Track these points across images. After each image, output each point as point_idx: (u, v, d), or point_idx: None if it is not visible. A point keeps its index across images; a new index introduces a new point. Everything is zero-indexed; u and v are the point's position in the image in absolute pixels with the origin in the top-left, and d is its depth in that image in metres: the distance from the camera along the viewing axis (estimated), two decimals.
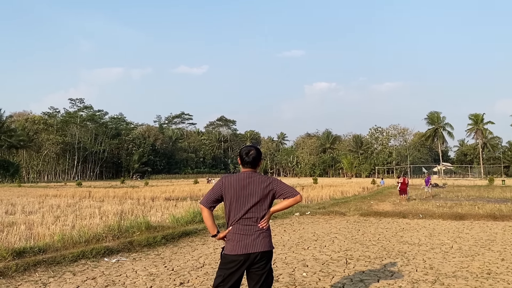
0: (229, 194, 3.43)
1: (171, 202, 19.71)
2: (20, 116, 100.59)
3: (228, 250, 3.39)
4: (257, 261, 3.36)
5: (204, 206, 3.49)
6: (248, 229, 3.38)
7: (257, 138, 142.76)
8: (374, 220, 13.40)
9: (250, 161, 3.54)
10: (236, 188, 3.43)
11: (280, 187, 3.50)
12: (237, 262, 3.33)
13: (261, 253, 3.36)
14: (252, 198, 3.41)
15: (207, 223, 3.51)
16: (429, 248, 8.44)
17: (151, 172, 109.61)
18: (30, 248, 7.32)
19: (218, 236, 3.49)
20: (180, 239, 9.65)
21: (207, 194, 3.53)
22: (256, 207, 3.42)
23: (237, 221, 3.40)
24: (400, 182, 22.82)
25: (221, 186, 3.48)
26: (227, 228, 3.49)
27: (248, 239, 3.35)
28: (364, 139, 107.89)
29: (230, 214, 3.44)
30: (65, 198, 24.28)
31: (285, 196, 3.49)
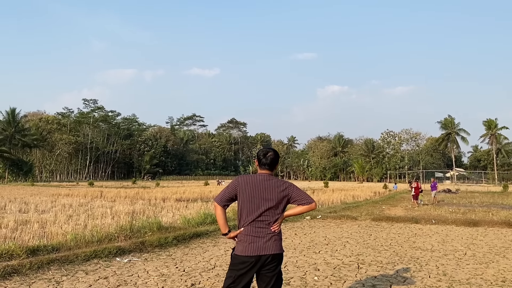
0: (243, 194, 3.41)
1: (182, 203, 19.79)
2: (34, 116, 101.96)
3: (239, 251, 3.38)
4: (268, 263, 3.35)
5: (218, 204, 3.47)
6: (260, 231, 3.37)
7: (267, 141, 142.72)
8: (386, 225, 13.29)
9: (268, 163, 3.52)
10: (251, 189, 3.40)
11: (296, 193, 3.48)
12: (248, 264, 3.32)
13: (272, 255, 3.36)
14: (267, 202, 3.39)
15: (220, 221, 3.49)
16: (442, 254, 8.34)
17: (162, 173, 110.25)
18: (44, 247, 7.41)
19: (229, 235, 3.47)
20: (191, 240, 9.68)
21: (222, 192, 3.51)
22: (270, 211, 3.40)
23: (249, 223, 3.39)
24: (414, 187, 22.21)
25: (236, 185, 3.45)
26: (238, 228, 3.48)
27: (260, 242, 3.34)
28: (376, 143, 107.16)
29: (243, 214, 3.42)
30: (77, 197, 24.52)
31: (300, 203, 3.48)
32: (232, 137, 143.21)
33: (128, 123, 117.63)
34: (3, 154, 68.50)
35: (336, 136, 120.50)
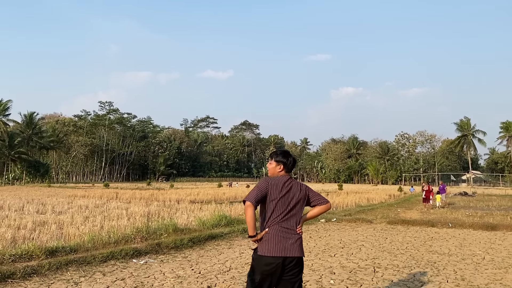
0: (273, 195, 3.44)
1: (196, 205, 19.89)
2: (51, 118, 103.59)
3: (264, 251, 3.33)
4: (291, 268, 3.33)
5: (251, 203, 3.40)
6: (286, 232, 3.39)
7: (280, 143, 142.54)
8: (401, 228, 13.16)
9: (291, 166, 3.66)
10: (279, 190, 3.45)
11: (312, 193, 3.62)
12: (273, 265, 3.28)
13: (296, 258, 3.35)
14: (292, 202, 3.46)
15: (250, 222, 3.42)
16: (460, 259, 8.22)
17: (176, 174, 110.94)
18: (62, 248, 7.52)
19: (256, 237, 3.43)
20: (206, 242, 9.73)
21: (253, 192, 3.47)
22: (294, 211, 3.47)
23: (276, 223, 3.40)
24: (425, 189, 22.28)
25: (267, 185, 3.47)
26: (261, 229, 3.47)
27: (287, 242, 3.34)
28: (391, 145, 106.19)
29: (271, 215, 3.42)
30: (93, 199, 24.81)
31: (317, 203, 3.59)
32: (245, 139, 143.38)
33: (143, 125, 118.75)
34: (21, 155, 69.69)
35: (350, 138, 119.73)
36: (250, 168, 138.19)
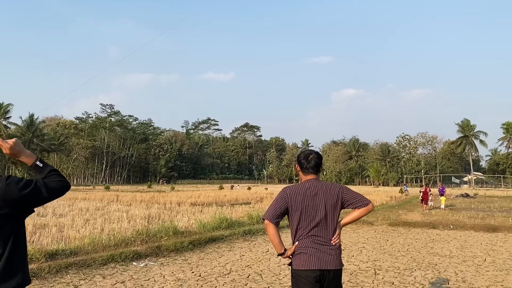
0: (295, 206, 3.10)
1: (197, 208, 19.86)
2: (52, 121, 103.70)
3: (299, 265, 3.06)
4: (331, 280, 3.05)
5: (270, 221, 3.11)
6: (320, 243, 3.07)
7: (282, 145, 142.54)
8: (403, 230, 13.12)
9: (311, 166, 3.22)
10: (303, 199, 3.10)
11: (350, 195, 3.19)
12: (311, 278, 3.01)
13: (334, 271, 3.06)
14: (322, 209, 3.10)
15: (274, 240, 3.13)
16: (461, 261, 8.20)
17: (177, 177, 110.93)
18: (62, 251, 7.51)
19: (286, 254, 3.15)
20: (206, 245, 9.71)
21: (271, 207, 3.16)
22: (326, 219, 3.11)
23: (306, 235, 3.10)
24: (422, 191, 22.75)
25: (286, 197, 3.13)
26: (293, 242, 3.18)
27: (322, 254, 3.04)
28: (392, 147, 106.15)
29: (298, 227, 3.12)
30: (93, 201, 24.81)
31: (356, 206, 3.17)
32: (247, 141, 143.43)
33: (143, 127, 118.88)
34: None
35: (351, 140, 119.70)
36: (252, 170, 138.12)
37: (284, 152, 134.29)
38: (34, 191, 2.25)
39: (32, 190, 2.24)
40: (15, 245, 2.23)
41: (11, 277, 2.19)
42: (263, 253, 8.89)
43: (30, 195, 2.23)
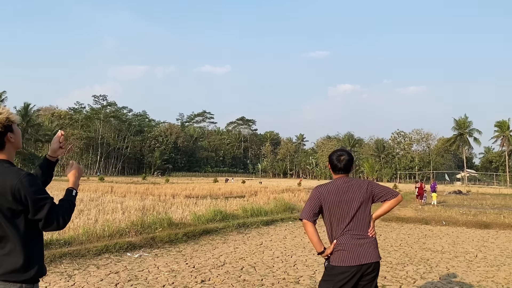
0: (329, 204, 3.19)
1: (192, 200, 19.86)
2: (47, 111, 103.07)
3: (337, 261, 3.11)
4: (368, 273, 3.10)
5: (308, 220, 3.18)
6: (357, 238, 3.15)
7: (276, 139, 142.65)
8: (395, 226, 13.23)
9: (342, 167, 3.30)
10: (335, 196, 3.19)
11: (379, 189, 3.30)
12: (348, 274, 3.06)
13: (373, 263, 3.12)
14: (354, 204, 3.19)
15: (313, 239, 3.19)
16: (452, 256, 8.28)
17: (172, 169, 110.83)
18: (56, 241, 7.51)
19: (326, 252, 3.19)
20: (201, 236, 9.74)
21: (306, 207, 3.24)
22: (359, 213, 3.20)
23: (343, 231, 3.17)
24: (417, 187, 23.73)
25: (319, 196, 3.22)
26: (330, 241, 3.25)
27: (360, 249, 3.11)
28: (386, 144, 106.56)
29: (333, 225, 3.20)
30: (88, 192, 24.75)
31: (385, 198, 3.29)
32: (242, 135, 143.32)
33: (139, 119, 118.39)
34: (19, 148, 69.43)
35: (346, 135, 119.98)
36: (246, 164, 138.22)
37: (278, 146, 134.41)
38: (41, 202, 2.20)
39: (37, 198, 2.19)
40: (31, 238, 2.26)
41: (26, 271, 2.23)
42: (257, 245, 8.94)
43: (35, 204, 2.19)
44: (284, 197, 21.09)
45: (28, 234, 2.24)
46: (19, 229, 2.21)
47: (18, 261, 2.20)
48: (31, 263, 2.25)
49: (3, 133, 2.25)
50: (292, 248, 8.78)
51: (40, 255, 2.35)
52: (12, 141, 2.32)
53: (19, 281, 2.21)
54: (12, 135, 2.31)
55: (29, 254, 2.25)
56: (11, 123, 2.30)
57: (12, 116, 2.30)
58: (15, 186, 2.15)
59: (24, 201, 2.17)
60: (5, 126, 2.25)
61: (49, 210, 2.21)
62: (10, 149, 2.33)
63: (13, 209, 2.18)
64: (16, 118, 2.34)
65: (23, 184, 2.16)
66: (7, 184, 2.15)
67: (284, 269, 6.78)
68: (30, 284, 2.26)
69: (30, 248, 2.25)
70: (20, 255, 2.20)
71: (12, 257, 2.20)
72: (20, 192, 2.15)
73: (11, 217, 2.19)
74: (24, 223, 2.22)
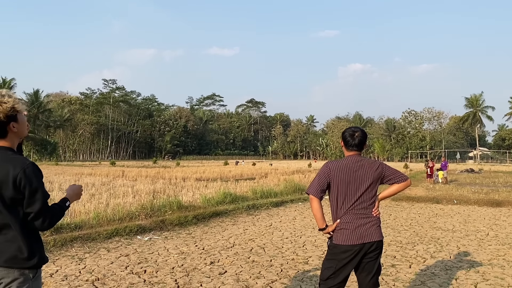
0: (337, 181, 3.19)
1: (202, 183, 19.96)
2: (57, 97, 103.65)
3: (340, 240, 3.15)
4: (371, 251, 3.16)
5: (314, 196, 3.20)
6: (361, 217, 3.17)
7: (286, 121, 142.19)
8: (406, 205, 13.16)
9: (356, 144, 3.26)
10: (345, 174, 3.18)
11: (389, 171, 3.29)
12: (351, 253, 3.12)
13: (376, 242, 3.16)
14: (363, 184, 3.19)
15: (317, 215, 3.23)
16: (463, 235, 8.22)
17: (182, 153, 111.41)
18: (67, 224, 7.59)
19: (327, 229, 3.23)
20: (210, 219, 9.79)
21: (314, 182, 3.24)
22: (366, 193, 3.21)
23: (347, 210, 3.19)
24: (430, 166, 23.72)
25: (328, 172, 3.21)
26: (333, 219, 3.26)
27: (362, 228, 3.14)
28: (397, 123, 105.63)
29: (339, 202, 3.21)
30: (99, 176, 25.00)
31: (394, 181, 3.29)
32: (252, 117, 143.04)
33: (147, 103, 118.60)
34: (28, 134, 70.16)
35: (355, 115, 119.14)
36: (257, 146, 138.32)
37: (288, 128, 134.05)
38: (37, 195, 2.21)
39: (35, 191, 2.20)
40: (31, 227, 2.27)
41: (30, 257, 2.26)
42: (266, 227, 8.96)
43: (31, 196, 2.19)
44: (294, 178, 21.10)
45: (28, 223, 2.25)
46: (19, 217, 2.22)
47: (21, 248, 2.23)
48: (33, 250, 2.28)
49: (5, 123, 2.24)
50: (301, 229, 8.78)
51: (40, 243, 2.38)
52: (15, 130, 2.30)
53: (23, 267, 2.24)
54: (16, 124, 2.30)
55: (30, 242, 2.27)
56: (15, 113, 2.28)
57: (18, 105, 2.28)
58: (18, 175, 2.15)
59: (23, 191, 2.17)
60: (8, 116, 2.24)
61: (41, 207, 2.22)
62: (13, 138, 2.33)
63: (14, 198, 2.19)
64: (22, 108, 2.32)
65: (25, 174, 2.17)
66: (10, 172, 2.16)
67: (293, 250, 6.79)
68: (33, 270, 2.30)
69: (30, 236, 2.28)
70: (22, 242, 2.23)
71: (15, 244, 2.23)
72: (21, 182, 2.16)
73: (12, 205, 2.20)
74: (23, 212, 2.23)
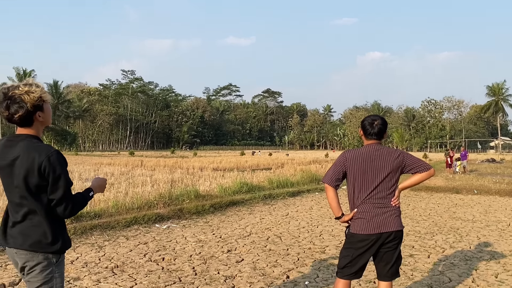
0: (354, 170, 3.15)
1: (219, 173, 20.06)
2: (76, 88, 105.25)
3: (357, 229, 3.11)
4: (389, 241, 3.10)
5: (329, 185, 3.17)
6: (379, 207, 3.11)
7: (303, 111, 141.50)
8: (425, 195, 13.00)
9: (375, 132, 3.18)
10: (362, 163, 3.13)
11: (411, 160, 3.20)
12: (367, 242, 3.07)
13: (394, 232, 3.10)
14: (381, 173, 3.12)
15: (332, 203, 3.21)
16: (484, 225, 8.08)
17: (200, 143, 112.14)
18: (87, 213, 7.72)
19: (343, 218, 3.20)
20: (227, 208, 9.84)
21: (330, 171, 3.21)
22: (385, 183, 3.13)
23: (365, 199, 3.13)
24: (450, 156, 23.60)
25: (344, 161, 3.18)
26: (351, 208, 3.23)
27: (380, 218, 3.07)
28: (417, 112, 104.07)
29: (355, 191, 3.17)
30: (118, 166, 25.34)
31: (417, 170, 3.19)
32: (268, 107, 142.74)
33: (165, 94, 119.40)
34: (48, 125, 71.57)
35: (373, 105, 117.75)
36: (273, 136, 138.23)
37: (305, 118, 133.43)
38: (60, 182, 2.24)
39: (58, 178, 2.24)
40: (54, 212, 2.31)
41: (53, 243, 2.31)
42: (283, 216, 8.96)
43: (54, 183, 2.23)
44: (311, 168, 21.02)
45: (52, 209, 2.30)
46: (43, 204, 2.26)
47: (46, 233, 2.28)
48: (57, 236, 2.33)
49: (32, 112, 2.27)
50: (318, 218, 8.76)
51: (64, 229, 2.43)
52: (41, 120, 2.34)
53: (47, 252, 2.29)
54: (42, 113, 2.33)
55: (55, 227, 2.32)
56: (42, 103, 2.32)
57: (45, 95, 2.32)
58: (42, 162, 2.20)
59: (47, 178, 2.21)
60: (35, 106, 2.27)
61: (64, 194, 2.25)
62: (38, 126, 2.37)
63: (39, 185, 2.23)
64: (48, 98, 2.37)
65: (49, 161, 2.21)
66: (36, 160, 2.20)
67: (310, 239, 6.78)
68: (56, 255, 2.34)
69: (54, 222, 2.32)
70: (47, 228, 2.28)
71: (40, 229, 2.28)
72: (46, 169, 2.20)
73: (37, 192, 2.25)
74: (47, 199, 2.27)
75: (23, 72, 70.03)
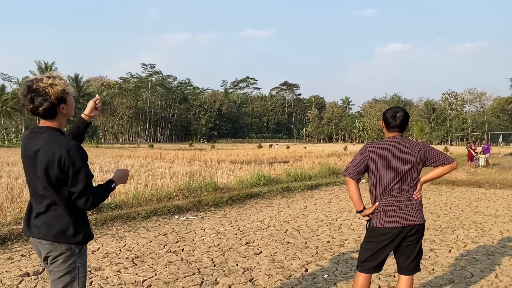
0: (376, 163, 3.11)
1: (236, 165, 20.13)
2: (96, 81, 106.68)
3: (378, 223, 3.09)
4: (411, 235, 3.08)
5: (351, 178, 3.16)
6: (401, 200, 3.08)
7: (321, 103, 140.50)
8: (445, 189, 12.79)
9: (397, 125, 3.14)
10: (384, 156, 3.09)
11: (433, 153, 3.16)
12: (389, 236, 3.05)
13: (416, 226, 3.08)
14: (403, 166, 3.08)
15: (354, 197, 3.19)
16: (507, 220, 7.91)
17: (217, 136, 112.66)
18: (108, 204, 7.84)
19: (365, 212, 3.19)
20: (245, 200, 9.87)
21: (351, 164, 3.19)
22: (407, 176, 3.10)
23: (387, 192, 3.10)
24: (473, 149, 23.33)
25: (366, 154, 3.14)
26: (372, 201, 3.21)
27: (402, 211, 3.05)
28: (437, 105, 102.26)
29: (377, 185, 3.14)
30: (138, 158, 25.64)
31: (439, 163, 3.15)
32: (286, 100, 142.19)
33: (183, 87, 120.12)
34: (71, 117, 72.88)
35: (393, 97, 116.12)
36: (291, 129, 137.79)
37: (323, 111, 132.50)
38: (80, 176, 2.26)
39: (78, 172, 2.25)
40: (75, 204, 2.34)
41: (76, 234, 2.35)
42: (301, 209, 8.94)
43: (75, 176, 2.25)
44: (329, 161, 20.89)
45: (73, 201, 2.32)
46: (64, 196, 2.29)
47: (68, 224, 2.31)
48: (79, 227, 2.36)
49: (56, 105, 2.30)
50: (336, 212, 8.71)
51: (86, 221, 2.46)
52: (64, 112, 2.37)
53: (69, 243, 2.33)
54: (65, 106, 2.36)
55: (76, 219, 2.35)
56: (65, 95, 2.34)
57: (68, 88, 2.34)
58: (62, 156, 2.21)
59: (67, 171, 2.24)
60: (58, 98, 2.29)
61: (84, 187, 2.27)
62: (61, 118, 2.39)
63: (59, 178, 2.25)
64: (71, 90, 2.39)
65: (69, 155, 2.22)
66: (56, 153, 2.22)
67: (328, 233, 6.75)
68: (79, 246, 2.38)
69: (76, 214, 2.35)
70: (69, 219, 2.31)
71: (64, 220, 2.31)
72: (65, 162, 2.22)
73: (58, 184, 2.27)
74: (68, 192, 2.30)
75: (45, 65, 71.27)
